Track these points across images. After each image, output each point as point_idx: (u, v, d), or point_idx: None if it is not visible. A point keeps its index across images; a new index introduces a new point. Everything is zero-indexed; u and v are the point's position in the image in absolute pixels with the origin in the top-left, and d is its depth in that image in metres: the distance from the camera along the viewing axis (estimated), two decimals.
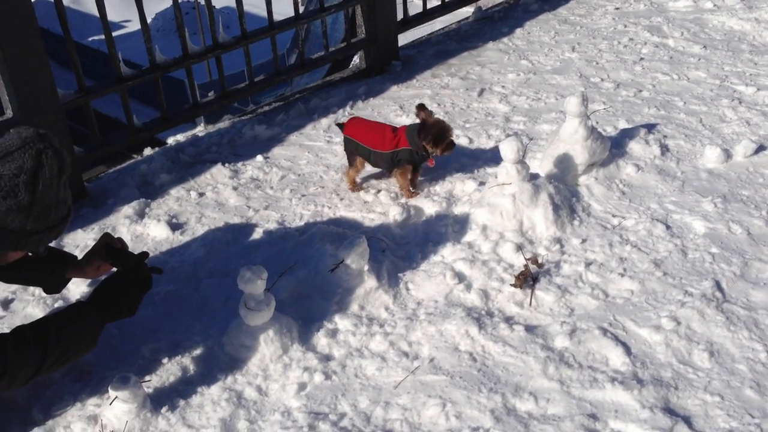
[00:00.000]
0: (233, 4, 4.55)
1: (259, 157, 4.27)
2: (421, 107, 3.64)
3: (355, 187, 3.88)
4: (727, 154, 3.80)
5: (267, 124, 4.61)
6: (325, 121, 4.61)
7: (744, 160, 3.79)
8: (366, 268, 3.13)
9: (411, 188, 3.74)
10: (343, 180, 3.95)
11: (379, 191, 3.84)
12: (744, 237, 3.27)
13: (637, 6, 5.95)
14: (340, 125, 3.85)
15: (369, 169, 3.97)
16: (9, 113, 3.60)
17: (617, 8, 5.95)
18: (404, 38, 5.59)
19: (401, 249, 3.42)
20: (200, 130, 4.76)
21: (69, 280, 2.94)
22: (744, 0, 5.75)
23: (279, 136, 4.51)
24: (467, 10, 6.11)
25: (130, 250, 2.91)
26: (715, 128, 4.13)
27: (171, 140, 4.70)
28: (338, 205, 3.79)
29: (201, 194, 3.97)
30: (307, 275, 3.25)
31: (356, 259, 3.08)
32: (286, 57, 15.53)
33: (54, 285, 2.91)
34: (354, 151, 3.77)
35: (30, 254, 2.54)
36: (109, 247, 2.82)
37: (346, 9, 4.99)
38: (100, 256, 2.82)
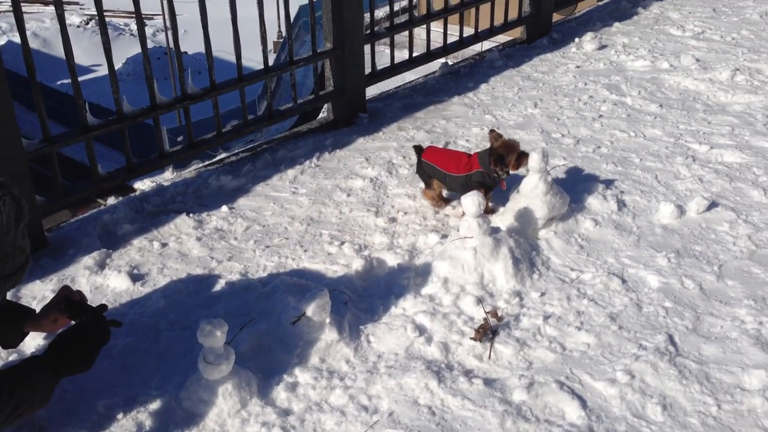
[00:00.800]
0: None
1: (224, 208, 4.29)
2: (491, 132, 3.88)
3: (439, 202, 4.12)
4: (681, 210, 3.92)
5: (233, 175, 4.65)
6: (291, 172, 4.66)
7: (697, 216, 3.91)
8: (327, 320, 3.15)
9: (486, 208, 3.82)
10: (423, 200, 4.18)
11: (342, 243, 3.88)
12: (696, 292, 3.35)
13: (597, 65, 6.16)
14: (419, 148, 4.07)
15: (339, 225, 4.02)
16: None
17: (578, 66, 6.15)
18: (373, 90, 5.72)
19: (363, 301, 3.44)
20: (166, 179, 4.78)
21: (26, 334, 2.90)
22: (699, 61, 5.99)
23: (245, 186, 4.55)
24: (434, 65, 6.27)
25: (89, 302, 2.89)
26: (670, 185, 4.26)
27: (138, 185, 4.71)
28: (302, 257, 3.82)
29: (164, 244, 3.97)
30: (268, 328, 3.25)
31: (318, 312, 3.09)
32: (257, 103, 15.69)
33: (11, 339, 2.86)
34: (431, 174, 4.01)
35: None
36: (68, 299, 2.80)
37: (315, 62, 5.10)
38: (58, 309, 2.79)
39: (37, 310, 2.89)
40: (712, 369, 2.91)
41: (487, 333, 3.15)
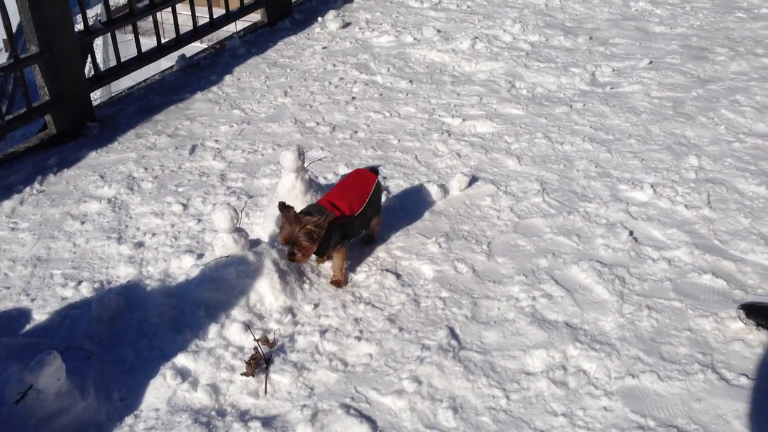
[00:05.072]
0: None
1: None
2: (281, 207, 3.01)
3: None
4: (444, 190, 3.83)
5: None
6: (7, 204, 3.90)
7: (460, 194, 3.84)
8: (65, 388, 2.59)
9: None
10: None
11: (80, 282, 3.29)
12: (470, 275, 3.26)
13: (344, 44, 5.97)
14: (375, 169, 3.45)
15: (74, 260, 3.41)
16: None
17: (325, 47, 5.92)
18: (101, 94, 5.03)
19: (110, 351, 2.91)
20: None
21: None
22: (440, 32, 6.03)
23: None
24: (170, 58, 5.68)
25: None
26: (430, 164, 4.17)
27: None
28: (29, 308, 3.17)
29: None
30: None
31: (49, 381, 2.52)
32: None
33: None
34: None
35: None
36: None
37: (19, 70, 4.29)
38: None
39: None
40: (496, 357, 2.80)
41: (260, 363, 2.78)
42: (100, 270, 3.40)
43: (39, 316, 3.12)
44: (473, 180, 3.94)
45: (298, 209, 3.42)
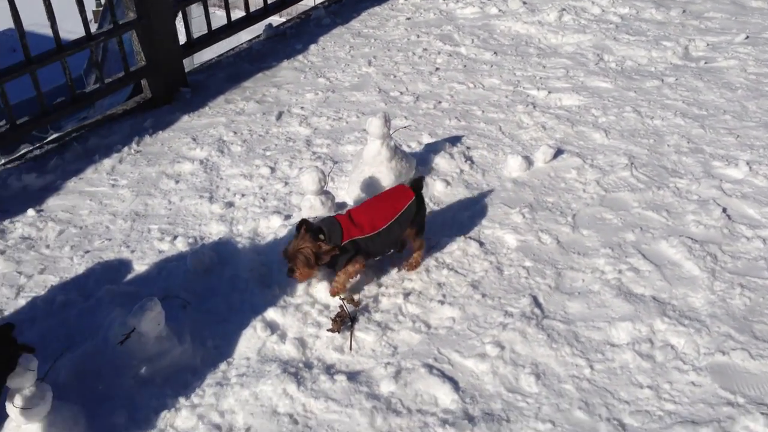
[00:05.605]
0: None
1: (31, 211, 3.70)
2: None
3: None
4: (529, 162, 3.80)
5: (38, 172, 4.02)
6: (107, 162, 4.10)
7: (545, 165, 3.81)
8: (164, 332, 2.74)
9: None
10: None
11: (175, 237, 3.44)
12: (554, 246, 3.25)
13: (428, 15, 5.95)
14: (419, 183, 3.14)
15: (169, 217, 3.57)
16: None
17: (408, 18, 5.92)
18: (193, 61, 5.20)
19: (204, 303, 3.05)
20: None
21: None
22: (526, 4, 5.94)
23: (54, 184, 3.94)
24: (257, 28, 5.80)
25: None
26: (514, 135, 4.15)
27: None
28: (129, 260, 3.34)
29: None
30: (94, 349, 2.81)
31: (150, 325, 2.67)
32: (84, 78, 14.42)
33: None
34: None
35: None
36: None
37: (119, 35, 4.47)
38: None
39: None
40: (580, 327, 2.80)
41: (345, 321, 2.87)
42: (194, 227, 3.54)
43: (138, 267, 3.28)
44: (558, 152, 3.90)
45: (385, 178, 3.49)
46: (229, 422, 2.53)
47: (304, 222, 2.83)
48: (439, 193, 3.66)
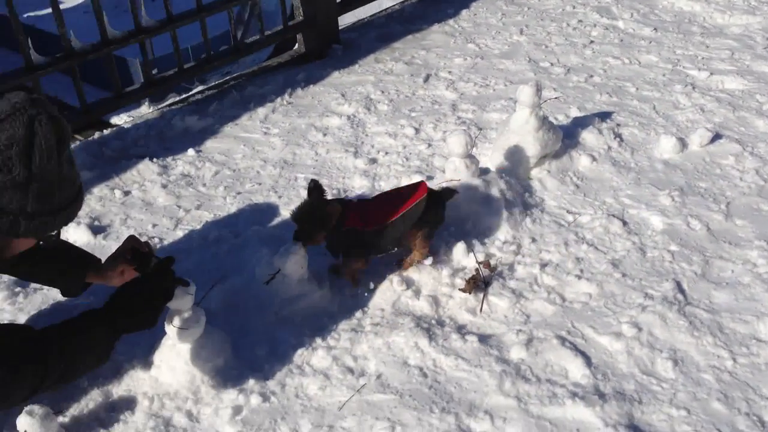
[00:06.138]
0: None
1: (191, 151, 3.96)
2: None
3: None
4: (683, 144, 3.65)
5: (199, 115, 4.29)
6: (261, 111, 4.31)
7: (700, 149, 3.65)
8: (306, 275, 2.88)
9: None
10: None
11: None
12: (704, 233, 3.12)
13: None
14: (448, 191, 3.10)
15: (315, 167, 3.71)
16: None
17: None
18: (346, 20, 5.32)
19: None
20: (128, 121, 4.41)
21: (89, 284, 2.61)
22: None
23: (212, 127, 4.20)
24: None
25: (155, 254, 2.55)
26: (669, 116, 3.98)
27: (96, 134, 4.35)
28: (277, 203, 3.51)
29: (126, 193, 3.64)
30: (242, 284, 2.99)
31: (294, 267, 2.82)
32: (233, 33, 15.07)
33: (72, 288, 2.58)
34: None
35: (42, 245, 2.22)
36: (135, 250, 2.49)
37: None
38: (125, 260, 2.50)
39: (103, 261, 2.59)
40: (725, 318, 2.69)
41: (479, 284, 2.90)
42: (338, 179, 3.67)
43: (284, 212, 3.45)
44: (716, 137, 3.72)
45: (531, 148, 3.46)
46: (362, 367, 2.63)
47: (315, 182, 2.74)
48: (583, 168, 3.59)
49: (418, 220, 2.88)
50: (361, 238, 2.83)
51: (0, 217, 1.85)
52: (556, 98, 4.15)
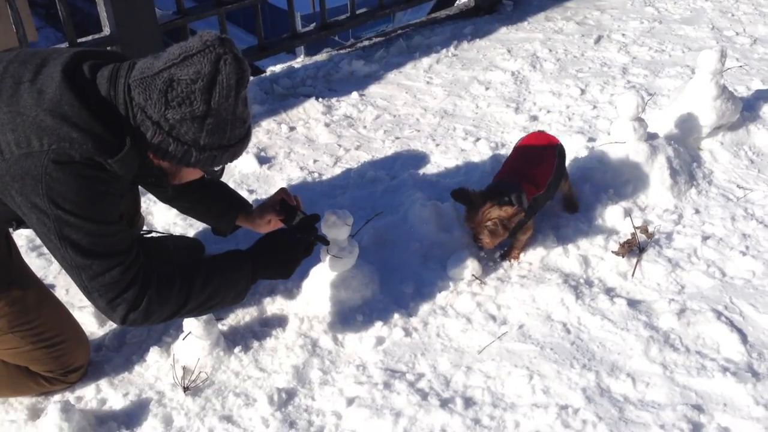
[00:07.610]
0: None
1: (355, 94, 4.09)
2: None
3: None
4: None
5: (365, 60, 4.41)
6: (426, 61, 4.36)
7: None
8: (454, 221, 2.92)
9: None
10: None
11: (477, 139, 3.59)
12: None
13: None
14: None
15: (475, 120, 3.72)
16: (107, 30, 3.54)
17: None
18: None
19: None
20: (298, 61, 4.61)
21: (238, 227, 2.79)
22: None
23: (377, 73, 4.30)
24: None
25: (303, 209, 2.66)
26: None
27: (268, 71, 4.57)
28: (433, 151, 3.57)
29: (292, 128, 3.83)
30: (394, 223, 3.08)
31: (445, 212, 2.87)
32: None
33: (223, 228, 2.76)
34: None
35: (206, 179, 2.35)
36: (284, 202, 2.63)
37: None
38: (274, 210, 2.64)
39: (254, 208, 2.75)
40: None
41: (633, 249, 2.82)
42: (496, 132, 3.66)
43: (440, 160, 3.50)
44: None
45: (706, 117, 3.28)
46: (504, 316, 2.66)
47: (484, 194, 2.66)
48: (761, 143, 3.37)
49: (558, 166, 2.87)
50: (535, 202, 2.81)
51: (176, 145, 1.99)
52: (740, 67, 3.89)
